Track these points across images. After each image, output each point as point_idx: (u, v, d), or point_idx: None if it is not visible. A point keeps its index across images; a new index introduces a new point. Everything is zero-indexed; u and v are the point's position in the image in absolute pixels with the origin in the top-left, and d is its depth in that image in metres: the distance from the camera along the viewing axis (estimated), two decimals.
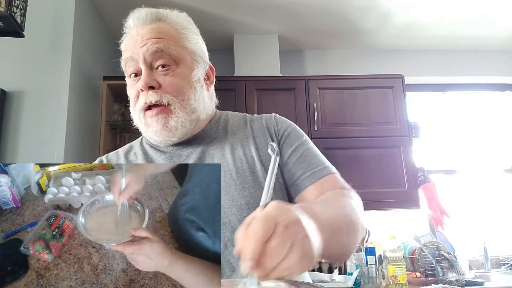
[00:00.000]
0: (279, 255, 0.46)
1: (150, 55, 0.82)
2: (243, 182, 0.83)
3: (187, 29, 0.90)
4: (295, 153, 0.87)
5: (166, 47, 0.83)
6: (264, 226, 0.47)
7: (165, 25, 0.87)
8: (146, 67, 0.83)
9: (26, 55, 2.12)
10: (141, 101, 0.83)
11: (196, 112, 0.87)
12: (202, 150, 0.89)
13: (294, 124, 0.95)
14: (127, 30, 0.88)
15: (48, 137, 2.05)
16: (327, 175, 0.84)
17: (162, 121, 0.83)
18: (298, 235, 0.48)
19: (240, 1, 2.64)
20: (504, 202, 3.07)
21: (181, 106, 0.84)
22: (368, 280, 2.16)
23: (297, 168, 0.85)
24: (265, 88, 2.69)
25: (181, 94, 0.84)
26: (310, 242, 0.49)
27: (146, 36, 0.84)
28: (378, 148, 2.65)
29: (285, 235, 0.47)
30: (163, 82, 0.83)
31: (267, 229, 0.47)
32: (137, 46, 0.83)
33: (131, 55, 0.84)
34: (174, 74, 0.84)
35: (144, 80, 0.82)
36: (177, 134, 0.85)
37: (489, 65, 3.28)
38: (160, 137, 0.86)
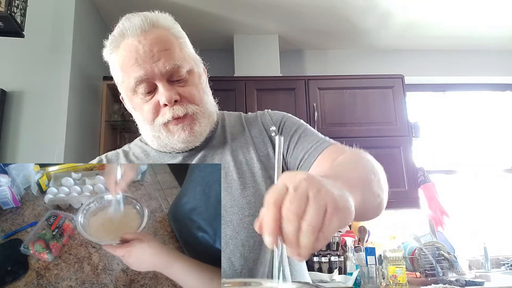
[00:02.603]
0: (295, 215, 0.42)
1: (168, 71, 0.81)
2: (244, 182, 0.84)
3: (181, 32, 0.89)
4: (294, 138, 0.89)
5: (181, 63, 0.82)
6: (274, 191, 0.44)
7: (162, 31, 0.83)
8: (165, 82, 0.81)
9: (26, 55, 2.12)
10: (167, 115, 0.82)
11: (212, 116, 0.91)
12: (204, 151, 0.90)
13: (288, 114, 0.97)
14: (117, 40, 0.83)
15: (48, 137, 2.04)
16: (330, 145, 0.85)
17: (188, 128, 0.84)
18: (312, 189, 0.43)
19: (240, 1, 2.64)
20: (504, 202, 3.06)
21: (201, 113, 0.86)
22: (368, 280, 2.16)
23: (299, 150, 0.87)
24: (265, 88, 2.69)
25: (200, 102, 0.86)
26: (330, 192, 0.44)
27: (154, 48, 0.80)
28: (378, 148, 2.64)
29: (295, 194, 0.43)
30: (183, 93, 0.83)
31: (278, 194, 0.44)
32: (148, 62, 0.79)
33: (144, 73, 0.79)
34: (189, 84, 0.85)
35: (167, 96, 0.80)
36: (201, 138, 0.88)
37: (489, 65, 3.28)
38: (185, 144, 0.86)
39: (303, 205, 0.42)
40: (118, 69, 0.84)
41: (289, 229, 0.42)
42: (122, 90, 0.87)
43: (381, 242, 2.58)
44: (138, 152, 0.95)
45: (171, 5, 2.60)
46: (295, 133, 0.90)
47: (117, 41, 0.83)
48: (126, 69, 0.82)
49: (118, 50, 0.83)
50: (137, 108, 0.86)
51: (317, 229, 0.42)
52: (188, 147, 0.88)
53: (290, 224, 0.42)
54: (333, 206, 0.43)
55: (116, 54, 0.84)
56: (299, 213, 0.42)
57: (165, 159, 0.91)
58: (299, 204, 0.42)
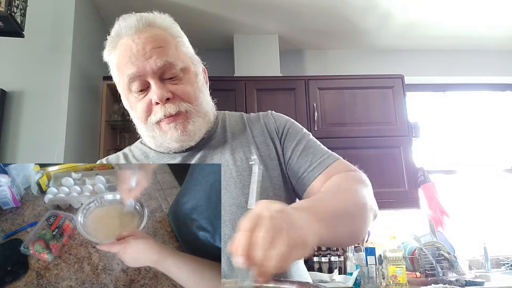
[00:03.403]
0: (265, 243, 0.47)
1: (160, 68, 0.80)
2: (244, 180, 0.84)
3: (179, 32, 0.89)
4: (298, 148, 0.89)
5: (174, 59, 0.82)
6: (249, 219, 0.50)
7: (158, 30, 0.84)
8: (157, 80, 0.81)
9: (26, 55, 2.12)
10: (158, 114, 0.82)
11: (207, 115, 0.90)
12: (203, 151, 0.89)
13: (291, 119, 0.97)
14: (115, 40, 0.84)
15: (48, 137, 2.04)
16: (333, 162, 0.85)
17: (180, 127, 0.83)
18: (282, 223, 0.49)
19: (240, 1, 2.64)
20: (504, 202, 3.06)
21: (195, 111, 0.85)
22: (368, 280, 2.16)
23: (302, 162, 0.87)
24: (265, 88, 2.69)
25: (194, 100, 0.85)
26: (297, 228, 0.50)
27: (147, 46, 0.80)
28: (378, 148, 2.65)
29: (268, 224, 0.49)
30: (176, 91, 0.83)
31: (252, 222, 0.49)
32: (140, 59, 0.80)
33: (137, 70, 0.80)
34: (183, 82, 0.84)
35: (158, 94, 0.80)
36: (195, 138, 0.87)
37: (489, 65, 3.28)
38: (179, 143, 0.85)
39: (275, 236, 0.48)
40: (115, 69, 0.85)
41: (259, 255, 0.47)
42: (120, 89, 0.88)
43: (381, 242, 2.58)
44: (138, 154, 0.95)
45: (171, 5, 2.60)
46: (299, 143, 0.89)
47: (114, 41, 0.84)
48: (120, 67, 0.83)
49: (115, 50, 0.84)
50: (133, 107, 0.86)
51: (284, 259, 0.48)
52: (183, 146, 0.87)
53: (261, 251, 0.47)
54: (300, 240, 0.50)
55: (114, 54, 0.85)
56: (272, 242, 0.48)
57: (164, 160, 0.91)
58: (272, 234, 0.48)
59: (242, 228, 0.49)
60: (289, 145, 0.90)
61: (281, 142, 0.91)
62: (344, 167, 0.85)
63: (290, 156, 0.88)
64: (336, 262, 2.44)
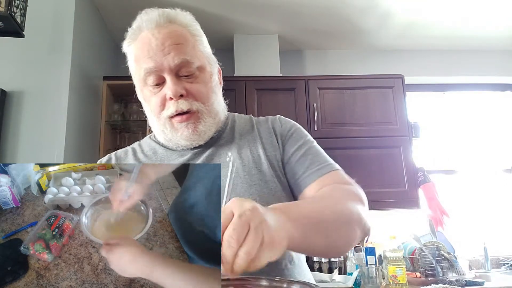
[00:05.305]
0: (236, 241, 0.47)
1: (177, 65, 0.82)
2: (250, 180, 0.84)
3: (198, 31, 0.90)
4: (298, 152, 0.89)
5: (191, 58, 0.83)
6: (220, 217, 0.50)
7: (179, 27, 0.85)
8: (173, 76, 0.82)
9: (26, 55, 2.12)
10: (171, 109, 0.83)
11: (218, 115, 0.91)
12: (211, 151, 0.90)
13: (298, 124, 0.97)
14: (135, 32, 0.85)
15: (48, 137, 2.05)
16: (331, 172, 0.84)
17: (192, 126, 0.85)
18: (254, 220, 0.49)
19: (240, 1, 2.64)
20: (504, 202, 3.06)
21: (207, 112, 0.86)
22: (368, 280, 2.16)
23: (299, 166, 0.87)
24: (265, 88, 2.69)
25: (207, 100, 0.86)
26: (269, 227, 0.50)
27: (166, 42, 0.81)
28: (378, 148, 2.65)
29: (239, 222, 0.48)
30: (190, 89, 0.84)
31: (224, 220, 0.49)
32: (158, 54, 0.81)
33: (154, 65, 0.81)
34: (198, 80, 0.85)
35: (173, 90, 0.81)
36: (205, 137, 0.88)
37: (489, 65, 3.28)
38: (188, 141, 0.87)
39: (244, 233, 0.48)
40: (132, 60, 0.87)
41: (227, 253, 0.48)
42: (135, 80, 0.89)
43: (381, 242, 2.58)
44: (147, 150, 0.96)
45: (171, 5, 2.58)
46: (301, 146, 0.89)
47: (135, 33, 0.86)
48: (138, 60, 0.84)
49: (135, 42, 0.86)
50: (146, 100, 0.88)
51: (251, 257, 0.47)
52: (192, 144, 0.88)
53: (229, 249, 0.47)
54: (270, 240, 0.49)
55: (133, 46, 0.86)
56: (239, 240, 0.47)
57: (172, 157, 0.91)
58: (240, 231, 0.48)
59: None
60: (290, 147, 0.90)
61: (283, 143, 0.91)
62: (340, 179, 0.83)
63: (290, 159, 0.88)
64: (336, 262, 2.44)
